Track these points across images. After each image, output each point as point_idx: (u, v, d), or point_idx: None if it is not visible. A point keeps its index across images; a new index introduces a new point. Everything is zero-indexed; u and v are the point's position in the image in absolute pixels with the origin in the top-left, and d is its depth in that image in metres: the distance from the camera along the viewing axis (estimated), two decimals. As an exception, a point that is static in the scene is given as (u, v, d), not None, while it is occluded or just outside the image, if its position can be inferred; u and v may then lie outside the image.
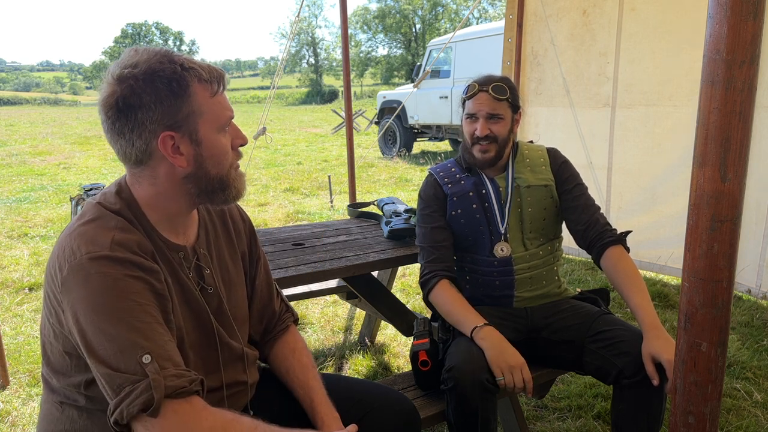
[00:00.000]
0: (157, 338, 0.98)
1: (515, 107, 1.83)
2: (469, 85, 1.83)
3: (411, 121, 10.57)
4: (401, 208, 2.59)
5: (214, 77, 1.07)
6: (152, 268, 1.04)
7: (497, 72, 3.83)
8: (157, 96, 1.02)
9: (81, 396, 1.08)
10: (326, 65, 57.06)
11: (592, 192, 1.99)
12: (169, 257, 1.13)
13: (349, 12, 9.75)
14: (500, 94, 1.78)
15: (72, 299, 0.98)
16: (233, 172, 1.14)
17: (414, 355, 1.71)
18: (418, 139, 11.35)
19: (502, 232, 1.84)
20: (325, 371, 2.77)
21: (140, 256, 1.03)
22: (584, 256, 4.19)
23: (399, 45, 47.87)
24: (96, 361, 0.96)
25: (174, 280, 1.12)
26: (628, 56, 3.70)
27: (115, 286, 0.97)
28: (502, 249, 1.83)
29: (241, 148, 1.17)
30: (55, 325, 1.05)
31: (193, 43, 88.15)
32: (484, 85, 1.79)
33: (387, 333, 3.14)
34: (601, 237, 1.80)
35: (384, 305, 2.40)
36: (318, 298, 3.45)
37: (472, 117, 1.81)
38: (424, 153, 11.35)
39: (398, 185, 7.99)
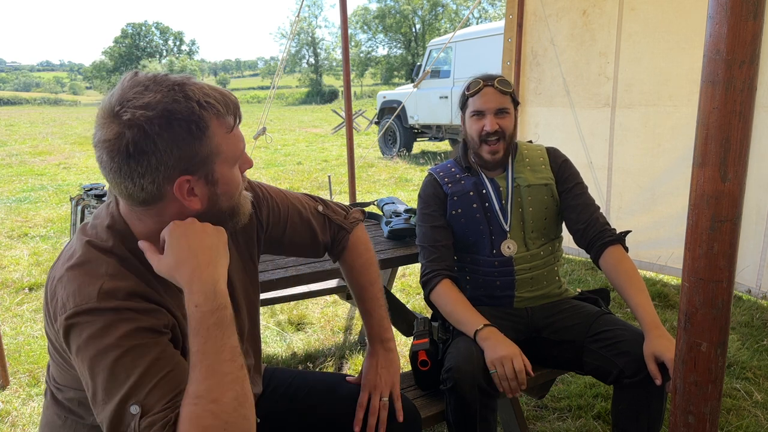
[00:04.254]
0: (145, 383, 0.92)
1: (516, 102, 1.83)
2: (471, 83, 1.82)
3: (411, 121, 10.56)
4: (401, 208, 2.59)
5: (230, 110, 1.00)
6: (147, 309, 0.98)
7: (497, 72, 3.83)
8: (174, 140, 0.93)
9: (87, 412, 1.07)
10: (326, 65, 57.02)
11: (592, 192, 1.99)
12: (172, 287, 1.05)
13: (349, 12, 9.75)
14: (506, 88, 1.79)
15: (71, 351, 0.96)
16: (240, 198, 1.10)
17: (413, 355, 1.71)
18: (418, 139, 11.33)
19: (507, 229, 1.83)
20: (325, 371, 2.77)
21: (131, 301, 0.97)
22: (584, 256, 4.19)
23: (399, 45, 47.86)
24: (94, 411, 0.95)
25: (183, 314, 1.05)
26: (628, 56, 3.70)
27: (102, 342, 0.92)
28: (508, 247, 1.83)
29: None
30: (59, 357, 1.04)
31: (193, 43, 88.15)
32: (488, 80, 1.79)
33: (387, 333, 3.13)
34: (600, 236, 1.80)
35: (384, 305, 2.39)
36: (318, 298, 3.45)
37: (479, 114, 1.80)
38: (424, 153, 11.35)
39: (398, 185, 7.99)
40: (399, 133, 10.84)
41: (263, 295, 2.61)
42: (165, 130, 0.93)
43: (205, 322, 0.94)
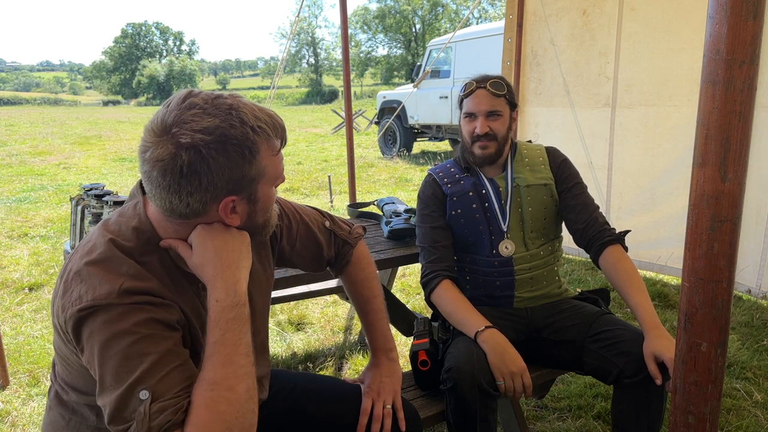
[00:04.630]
0: (157, 370, 0.93)
1: (512, 104, 1.83)
2: (466, 84, 1.83)
3: (411, 121, 10.56)
4: (401, 208, 2.59)
5: (278, 134, 1.04)
6: (162, 304, 1.00)
7: (497, 72, 3.83)
8: (228, 163, 0.97)
9: (92, 414, 1.07)
10: (326, 65, 57.02)
11: (592, 192, 1.99)
12: (190, 290, 1.09)
13: (349, 12, 9.75)
14: (498, 90, 1.78)
15: (81, 339, 0.96)
16: (272, 211, 1.13)
17: (414, 355, 1.71)
18: (418, 139, 11.34)
19: (505, 230, 1.83)
20: (324, 371, 2.77)
21: (148, 296, 0.99)
22: (584, 256, 4.19)
23: (399, 45, 47.84)
24: (98, 397, 0.95)
25: (195, 316, 1.09)
26: (628, 56, 3.70)
27: (116, 327, 0.94)
28: (506, 247, 1.83)
29: None
30: (67, 351, 1.04)
31: (193, 42, 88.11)
32: (481, 82, 1.79)
33: (387, 333, 3.13)
34: (600, 236, 1.80)
35: (384, 305, 2.39)
36: (318, 298, 3.45)
37: (471, 116, 1.81)
38: (424, 153, 11.35)
39: (398, 185, 7.99)
40: (399, 133, 10.84)
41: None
42: (221, 153, 0.96)
43: (225, 316, 0.99)
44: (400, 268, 3.77)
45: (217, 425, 0.92)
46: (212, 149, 0.95)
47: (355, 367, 2.80)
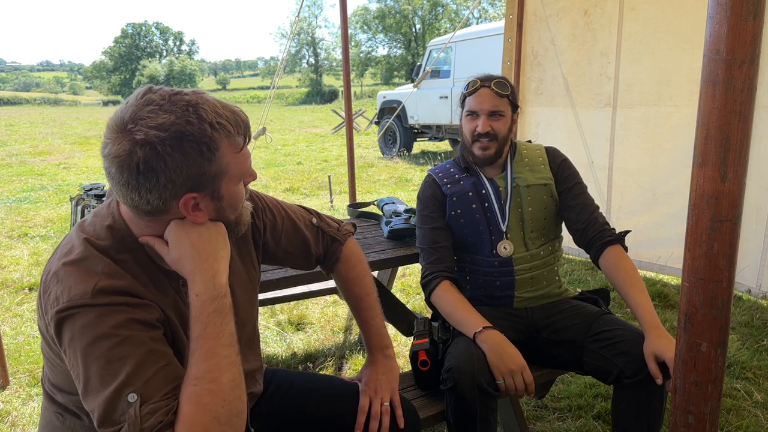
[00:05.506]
0: (142, 372, 0.93)
1: (515, 105, 1.83)
2: (470, 82, 1.82)
3: (411, 121, 10.56)
4: (401, 208, 2.59)
5: (240, 131, 1.02)
6: (139, 304, 0.99)
7: (497, 72, 3.83)
8: (185, 160, 0.95)
9: (83, 413, 1.07)
10: (326, 65, 57.03)
11: (593, 192, 1.99)
12: (169, 287, 1.09)
13: (349, 12, 9.75)
14: (502, 90, 1.78)
15: (63, 342, 0.96)
16: (242, 208, 1.12)
17: (414, 355, 1.71)
18: (418, 139, 11.34)
19: (504, 230, 1.83)
20: (324, 371, 2.77)
21: (124, 297, 0.98)
22: (584, 256, 4.19)
23: (399, 45, 47.84)
24: (84, 401, 0.95)
25: (175, 313, 1.09)
26: (628, 56, 3.70)
27: (96, 331, 0.93)
28: (505, 248, 1.83)
29: None
30: (52, 353, 1.04)
31: (193, 42, 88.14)
32: (486, 81, 1.79)
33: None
34: (600, 236, 1.80)
35: (384, 305, 2.37)
36: (318, 298, 3.45)
37: (473, 114, 1.81)
38: (424, 153, 11.35)
39: (398, 185, 7.98)
40: (399, 133, 10.84)
41: (263, 295, 2.62)
42: (176, 150, 0.94)
43: (205, 310, 0.99)
44: (400, 268, 3.77)
45: (204, 416, 0.92)
46: (168, 146, 0.93)
47: (355, 367, 2.80)
